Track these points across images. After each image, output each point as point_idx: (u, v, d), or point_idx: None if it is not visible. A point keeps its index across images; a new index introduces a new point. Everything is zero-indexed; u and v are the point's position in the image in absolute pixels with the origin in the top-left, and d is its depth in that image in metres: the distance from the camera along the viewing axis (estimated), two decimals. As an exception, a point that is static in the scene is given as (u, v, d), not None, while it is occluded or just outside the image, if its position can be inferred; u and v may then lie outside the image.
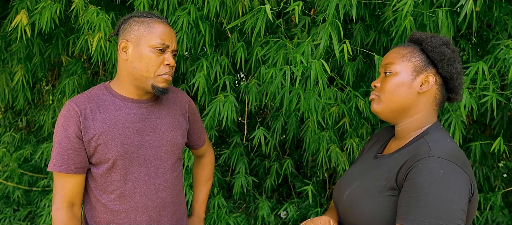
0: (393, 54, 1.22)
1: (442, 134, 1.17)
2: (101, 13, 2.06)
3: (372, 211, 1.12)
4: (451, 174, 1.03)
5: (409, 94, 1.18)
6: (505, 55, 1.90)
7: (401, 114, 1.21)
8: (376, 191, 1.14)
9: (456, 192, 1.01)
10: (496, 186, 2.87)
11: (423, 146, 1.11)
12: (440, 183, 1.01)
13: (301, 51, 1.86)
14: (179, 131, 1.49)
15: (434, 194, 1.00)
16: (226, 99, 2.22)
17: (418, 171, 1.05)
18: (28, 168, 3.53)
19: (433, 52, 1.17)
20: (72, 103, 1.34)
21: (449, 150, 1.08)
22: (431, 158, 1.05)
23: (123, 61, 1.37)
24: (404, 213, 1.03)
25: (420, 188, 1.02)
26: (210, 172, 1.81)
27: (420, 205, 1.01)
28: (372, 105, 1.25)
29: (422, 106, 1.20)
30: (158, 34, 1.34)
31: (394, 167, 1.14)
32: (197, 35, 2.21)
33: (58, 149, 1.33)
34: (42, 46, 2.88)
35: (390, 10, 2.06)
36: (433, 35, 1.21)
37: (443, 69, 1.18)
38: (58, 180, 1.36)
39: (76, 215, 1.38)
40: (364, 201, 1.15)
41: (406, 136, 1.22)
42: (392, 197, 1.11)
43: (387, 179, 1.13)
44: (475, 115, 2.17)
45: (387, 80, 1.20)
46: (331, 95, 2.14)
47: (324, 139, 2.31)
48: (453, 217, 0.99)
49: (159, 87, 1.37)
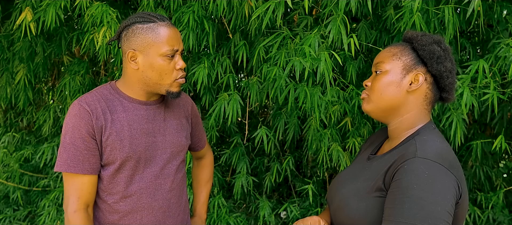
0: (384, 53, 1.23)
1: (433, 134, 1.16)
2: (105, 6, 2.07)
3: (359, 211, 1.12)
4: (436, 175, 1.02)
5: (398, 93, 1.18)
6: (506, 54, 1.92)
7: (391, 113, 1.20)
8: (365, 192, 1.14)
9: (441, 193, 1.00)
10: (497, 186, 2.88)
11: (411, 147, 1.11)
12: (425, 184, 1.01)
13: (308, 43, 1.86)
14: (183, 133, 1.50)
15: (418, 196, 1.00)
16: (231, 98, 2.23)
17: (404, 172, 1.05)
18: (28, 168, 3.53)
19: (423, 50, 1.17)
20: (82, 103, 1.33)
21: (436, 151, 1.07)
22: (417, 159, 1.05)
23: (133, 70, 1.35)
24: (389, 214, 1.03)
25: (404, 189, 1.02)
26: (210, 173, 1.82)
27: (404, 207, 1.00)
28: (363, 105, 1.25)
29: (413, 105, 1.19)
30: (166, 40, 1.32)
31: (383, 167, 1.14)
32: (201, 33, 2.22)
33: (72, 150, 1.31)
34: (45, 46, 2.89)
35: (392, 9, 2.08)
36: (424, 33, 1.21)
37: (433, 68, 1.16)
38: (72, 182, 1.33)
39: (90, 216, 1.37)
40: (353, 201, 1.15)
41: (398, 136, 1.22)
42: (380, 198, 1.10)
43: (375, 179, 1.13)
44: (477, 114, 2.18)
45: (377, 79, 1.20)
46: (334, 93, 2.15)
47: (326, 136, 2.32)
48: (437, 219, 0.99)
49: (174, 92, 1.38)
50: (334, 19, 1.85)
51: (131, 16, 1.36)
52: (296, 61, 1.88)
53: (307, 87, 2.08)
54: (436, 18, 1.93)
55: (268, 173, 2.88)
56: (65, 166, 1.31)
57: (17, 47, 2.88)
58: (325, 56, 1.85)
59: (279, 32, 2.10)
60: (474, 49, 2.45)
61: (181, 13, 2.15)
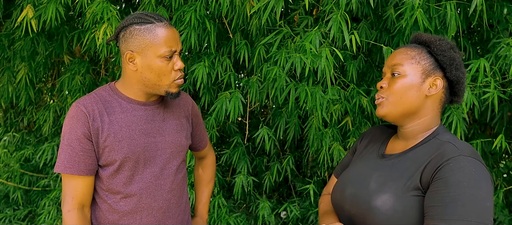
0: (401, 55, 1.21)
1: (452, 134, 1.19)
2: (106, 2, 2.07)
3: (397, 212, 1.10)
4: (480, 172, 1.04)
5: (418, 97, 1.18)
6: (506, 53, 1.92)
7: (408, 116, 1.20)
8: (400, 190, 1.12)
9: (487, 190, 1.02)
10: (498, 185, 2.88)
11: (446, 145, 1.11)
12: (474, 181, 1.01)
13: (309, 39, 1.87)
14: (183, 133, 1.50)
15: (470, 193, 1.00)
16: (232, 96, 2.23)
17: (450, 169, 1.04)
18: (28, 168, 3.53)
19: (443, 56, 1.17)
20: (79, 105, 1.34)
21: (472, 149, 1.09)
22: (462, 157, 1.05)
23: (132, 71, 1.36)
24: (440, 213, 1.02)
25: (454, 187, 1.02)
26: (212, 173, 1.82)
27: (457, 204, 1.00)
28: (378, 109, 1.23)
29: (429, 109, 1.20)
30: (164, 41, 1.31)
31: (415, 166, 1.13)
32: (202, 33, 2.23)
33: (68, 151, 1.32)
34: (47, 45, 2.89)
35: (392, 9, 2.09)
36: (440, 38, 1.21)
37: (451, 73, 1.18)
38: (68, 182, 1.35)
39: (86, 217, 1.38)
40: (387, 202, 1.12)
41: (415, 137, 1.22)
42: (417, 197, 1.09)
43: (410, 178, 1.12)
44: (477, 113, 2.19)
45: (396, 82, 1.19)
46: (335, 92, 2.15)
47: (327, 136, 2.32)
48: (489, 214, 1.00)
49: (173, 92, 1.38)
50: (335, 16, 1.85)
51: (128, 16, 1.36)
52: (296, 58, 1.88)
53: (308, 87, 2.08)
54: (437, 15, 1.94)
55: (268, 172, 2.88)
56: (62, 167, 1.33)
57: (18, 46, 2.89)
58: (326, 53, 1.86)
59: (279, 29, 2.11)
60: (474, 48, 2.46)
61: (182, 12, 2.15)
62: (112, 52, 2.34)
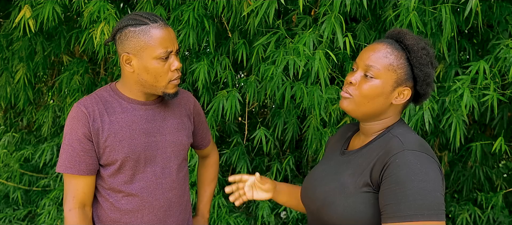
0: (378, 56, 1.16)
1: (405, 127, 1.20)
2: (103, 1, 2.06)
3: (347, 208, 1.13)
4: (427, 164, 1.06)
5: (384, 104, 1.18)
6: (506, 55, 1.91)
7: (370, 117, 1.21)
8: (351, 187, 1.14)
9: (435, 181, 1.04)
10: (498, 186, 2.87)
11: (393, 140, 1.13)
12: (421, 174, 1.04)
13: (303, 41, 1.86)
14: (184, 132, 1.51)
15: (419, 186, 1.02)
16: (230, 94, 2.23)
17: (396, 166, 1.06)
18: (28, 168, 3.53)
19: (420, 70, 1.16)
20: (80, 105, 1.35)
21: (418, 142, 1.11)
22: (406, 152, 1.07)
23: (129, 73, 1.37)
24: (395, 210, 1.04)
25: (403, 183, 1.04)
26: (215, 173, 1.82)
27: (408, 200, 1.02)
28: (342, 102, 1.22)
29: (392, 112, 1.21)
30: (159, 42, 1.31)
31: (366, 162, 1.15)
32: (201, 32, 2.22)
33: (69, 151, 1.34)
34: (45, 45, 2.89)
35: (391, 10, 2.07)
36: (423, 46, 1.17)
37: (421, 88, 1.18)
38: (69, 182, 1.37)
39: (87, 215, 1.40)
40: (339, 198, 1.15)
41: (371, 134, 1.23)
42: (368, 194, 1.12)
43: (360, 175, 1.14)
44: (477, 115, 2.17)
45: (366, 83, 1.17)
46: (333, 91, 2.14)
47: (326, 135, 2.31)
48: (440, 205, 1.03)
49: (170, 93, 1.39)
50: (329, 18, 1.84)
51: (124, 18, 1.36)
52: (290, 59, 1.88)
53: (306, 86, 2.08)
54: (432, 18, 1.92)
55: (268, 172, 2.87)
56: (63, 167, 1.35)
57: (17, 46, 2.89)
58: (320, 55, 1.85)
59: (275, 30, 2.10)
60: (474, 49, 2.44)
61: (180, 12, 2.14)
62: (110, 51, 2.33)
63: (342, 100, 1.22)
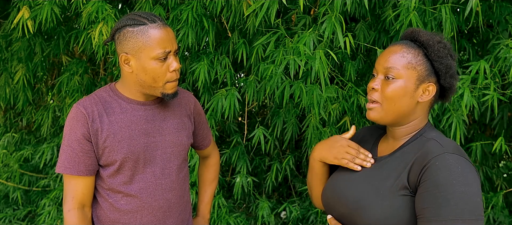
0: (396, 56, 1.16)
1: (437, 130, 1.19)
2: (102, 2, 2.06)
3: (385, 211, 1.10)
4: (467, 168, 1.04)
5: (411, 104, 1.16)
6: (506, 55, 1.90)
7: (399, 120, 1.19)
8: (387, 191, 1.12)
9: (475, 185, 1.03)
10: (498, 186, 2.87)
11: (429, 143, 1.11)
12: (462, 178, 1.02)
13: (303, 41, 1.86)
14: (184, 132, 1.50)
15: (460, 190, 1.01)
16: (228, 93, 2.22)
17: (437, 169, 1.04)
18: (28, 168, 3.53)
19: (440, 63, 1.15)
20: (79, 106, 1.35)
21: (456, 146, 1.10)
22: (447, 155, 1.06)
23: (128, 73, 1.36)
24: (434, 214, 1.02)
25: (444, 186, 1.02)
26: (216, 173, 1.81)
27: (450, 204, 1.00)
28: (370, 113, 1.20)
29: (419, 112, 1.19)
30: (157, 42, 1.30)
31: (402, 166, 1.13)
32: (200, 32, 2.22)
33: (69, 151, 1.34)
34: (44, 45, 2.88)
35: (390, 9, 2.07)
36: (439, 40, 1.17)
37: (446, 81, 1.16)
38: (69, 182, 1.37)
39: (87, 216, 1.39)
40: (375, 201, 1.12)
41: (403, 137, 1.21)
42: (405, 197, 1.10)
43: (397, 178, 1.12)
44: (477, 114, 2.17)
45: (389, 86, 1.16)
46: (332, 91, 2.14)
47: (325, 135, 2.31)
48: (480, 209, 1.01)
49: (169, 93, 1.38)
50: (329, 18, 1.84)
51: (122, 18, 1.35)
52: (290, 59, 1.88)
53: (305, 85, 2.07)
54: (432, 18, 1.92)
55: (269, 172, 2.87)
56: (62, 168, 1.35)
57: (16, 47, 2.89)
58: (320, 54, 1.85)
59: (275, 30, 2.09)
60: (474, 49, 2.44)
61: (179, 11, 2.14)
62: (109, 52, 2.33)
63: (368, 112, 1.21)
